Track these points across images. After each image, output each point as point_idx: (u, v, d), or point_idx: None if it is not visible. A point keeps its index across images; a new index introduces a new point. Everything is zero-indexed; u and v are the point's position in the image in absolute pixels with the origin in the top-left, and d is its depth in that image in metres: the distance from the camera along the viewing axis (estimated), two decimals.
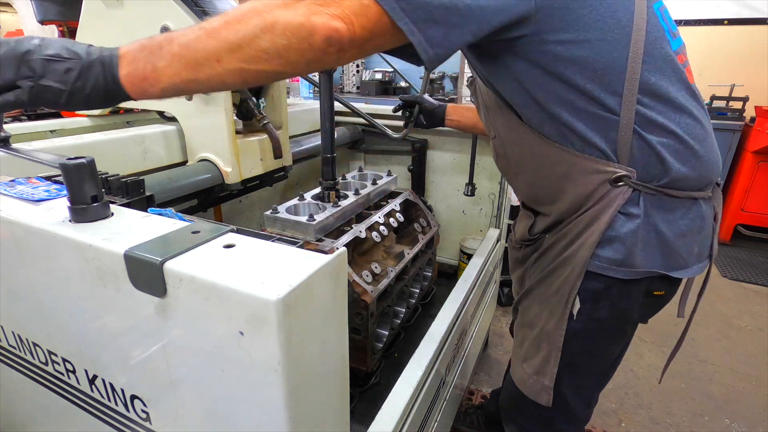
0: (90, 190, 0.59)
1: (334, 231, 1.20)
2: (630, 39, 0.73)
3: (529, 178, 0.95)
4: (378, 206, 1.41)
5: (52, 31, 3.13)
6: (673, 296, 0.95)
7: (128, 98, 0.60)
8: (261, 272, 0.46)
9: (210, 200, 1.30)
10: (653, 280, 0.85)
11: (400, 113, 1.49)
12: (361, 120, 1.68)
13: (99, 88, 0.57)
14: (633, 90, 0.75)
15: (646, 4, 0.76)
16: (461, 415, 1.71)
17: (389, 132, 1.56)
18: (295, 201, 1.23)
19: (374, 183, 1.43)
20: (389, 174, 1.53)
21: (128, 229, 0.58)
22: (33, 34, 0.67)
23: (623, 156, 0.78)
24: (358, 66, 5.05)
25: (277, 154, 1.33)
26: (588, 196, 0.82)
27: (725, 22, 3.88)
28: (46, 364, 0.74)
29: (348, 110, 1.69)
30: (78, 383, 0.70)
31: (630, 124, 0.76)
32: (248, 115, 1.31)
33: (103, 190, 0.62)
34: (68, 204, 0.59)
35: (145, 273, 0.50)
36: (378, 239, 1.26)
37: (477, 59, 0.84)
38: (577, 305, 0.87)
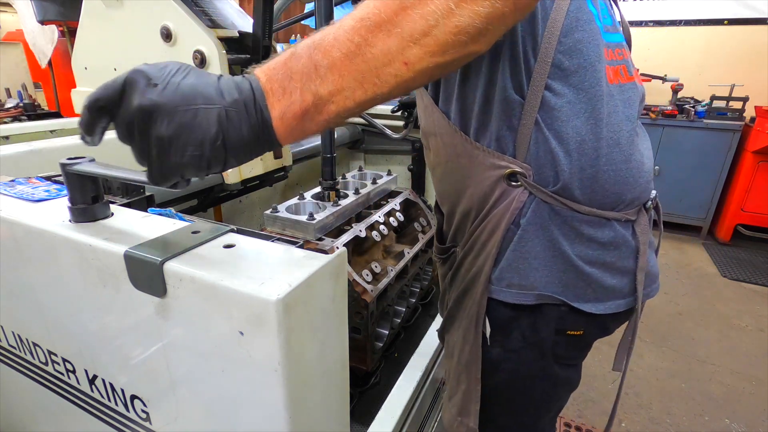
0: (90, 190, 0.59)
1: (334, 230, 1.20)
2: (553, 4, 0.61)
3: (440, 171, 0.80)
4: (378, 205, 1.41)
5: (52, 31, 3.13)
6: (602, 334, 0.77)
7: (278, 145, 0.46)
8: (261, 272, 0.46)
9: (210, 200, 1.30)
10: (563, 316, 0.71)
11: (399, 114, 1.50)
12: (361, 120, 1.68)
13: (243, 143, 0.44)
14: (544, 69, 0.62)
15: None
16: None
17: (389, 132, 1.56)
18: (295, 200, 1.23)
19: (374, 182, 1.43)
20: (389, 173, 1.53)
21: (128, 229, 0.58)
22: (33, 34, 0.67)
23: (521, 149, 0.65)
24: None
25: (277, 154, 1.33)
26: (486, 195, 0.70)
27: (725, 22, 3.88)
28: (46, 364, 0.74)
29: None
30: (78, 383, 0.70)
31: (533, 110, 0.63)
32: None
33: (102, 190, 0.62)
34: (68, 204, 0.59)
35: (145, 273, 0.50)
36: (378, 238, 1.26)
37: None
38: (488, 328, 0.74)
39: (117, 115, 0.46)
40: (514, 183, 0.67)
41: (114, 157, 1.11)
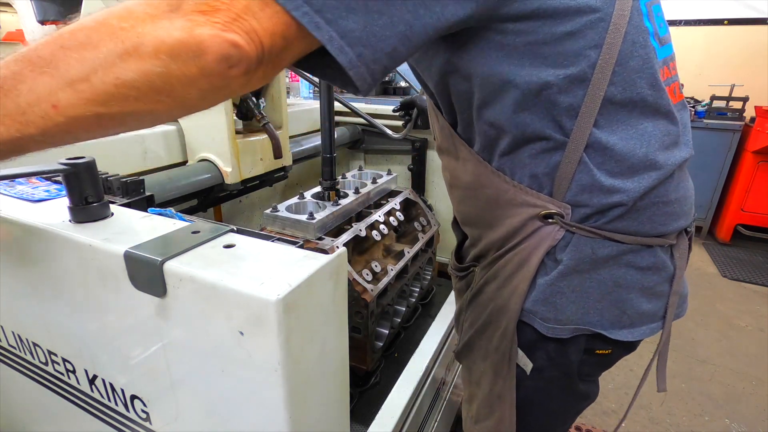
0: (90, 190, 0.59)
1: (334, 229, 1.20)
2: (603, 39, 0.56)
3: (460, 193, 0.80)
4: (378, 205, 1.41)
5: (52, 31, 3.14)
6: (627, 353, 0.79)
7: None
8: (261, 272, 0.46)
9: (210, 200, 1.30)
10: (594, 339, 0.70)
11: (399, 114, 1.51)
12: (361, 120, 1.68)
13: None
14: (593, 109, 0.58)
15: None
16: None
17: (389, 132, 1.56)
18: (295, 200, 1.23)
19: (374, 182, 1.43)
20: (389, 173, 1.53)
21: (128, 229, 0.58)
22: (33, 34, 0.66)
23: (560, 188, 0.63)
24: None
25: (277, 154, 1.33)
26: (516, 229, 0.68)
27: (725, 22, 3.88)
28: (46, 364, 0.74)
29: (348, 110, 1.69)
30: (78, 383, 0.70)
31: (579, 150, 0.60)
32: (248, 115, 1.31)
33: (102, 189, 0.62)
34: (68, 204, 0.59)
35: (145, 273, 0.50)
36: (378, 238, 1.26)
37: None
38: (528, 362, 0.74)
39: None
40: (549, 221, 0.65)
41: (114, 157, 1.12)
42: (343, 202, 1.22)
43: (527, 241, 0.67)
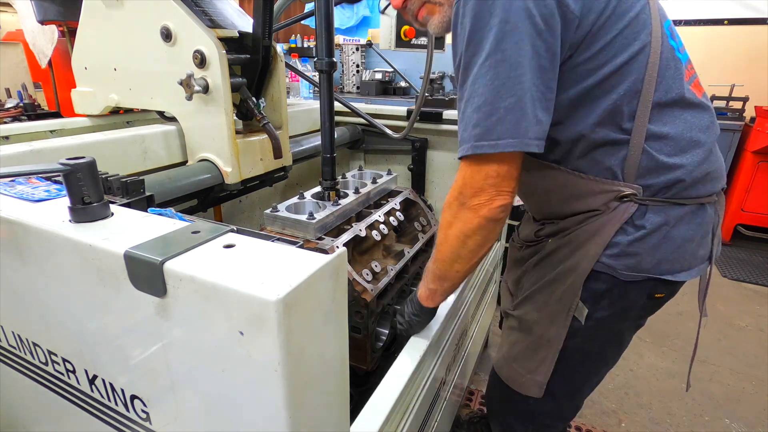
0: (90, 190, 0.59)
1: (334, 229, 1.20)
2: (647, 61, 0.76)
3: (538, 199, 0.98)
4: (378, 205, 1.41)
5: (52, 31, 3.13)
6: (671, 297, 0.95)
7: (433, 311, 0.98)
8: (261, 272, 0.46)
9: (210, 200, 1.30)
10: (656, 283, 0.87)
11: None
12: (361, 120, 1.68)
13: (413, 314, 0.98)
14: (646, 111, 0.77)
15: (660, 23, 0.78)
16: (465, 424, 1.70)
17: (389, 132, 1.56)
18: (295, 199, 1.23)
19: (374, 182, 1.43)
20: (389, 173, 1.53)
21: (128, 229, 0.58)
22: (33, 34, 0.69)
23: (630, 173, 0.81)
24: (358, 66, 5.05)
25: (277, 154, 1.33)
26: (595, 209, 0.85)
27: (725, 22, 3.88)
28: (46, 364, 0.74)
29: (348, 110, 1.69)
30: (78, 383, 0.70)
31: (640, 143, 0.79)
32: (248, 115, 1.31)
33: (102, 189, 0.62)
34: (68, 204, 0.59)
35: (145, 273, 0.50)
36: (378, 238, 1.26)
37: None
38: (584, 310, 0.90)
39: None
40: (625, 200, 0.82)
41: (114, 157, 1.12)
42: (343, 202, 1.22)
43: (604, 216, 0.84)
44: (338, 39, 4.97)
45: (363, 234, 1.21)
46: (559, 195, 0.90)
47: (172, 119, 1.29)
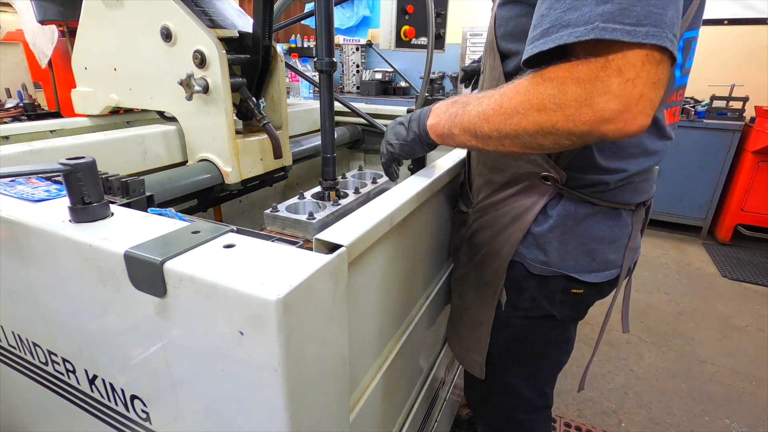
0: (90, 190, 0.59)
1: None
2: None
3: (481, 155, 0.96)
4: None
5: (52, 31, 3.13)
6: (599, 297, 0.95)
7: (435, 145, 0.85)
8: (261, 272, 0.46)
9: (210, 200, 1.30)
10: (568, 279, 0.87)
11: (463, 85, 1.65)
12: (361, 120, 1.68)
13: (415, 134, 0.84)
14: None
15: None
16: (465, 424, 1.70)
17: None
18: (295, 199, 1.22)
19: (374, 182, 1.43)
20: None
21: (128, 229, 0.58)
22: (33, 34, 0.69)
23: (563, 159, 0.79)
24: (358, 66, 5.05)
25: (277, 154, 1.33)
26: (517, 180, 0.85)
27: (725, 22, 3.88)
28: (46, 364, 0.74)
29: (348, 110, 1.69)
30: (78, 383, 0.70)
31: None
32: (248, 115, 1.31)
33: (102, 190, 0.62)
34: (68, 204, 0.59)
35: (145, 273, 0.50)
36: None
37: None
38: (505, 297, 0.92)
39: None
40: (546, 182, 0.81)
41: (114, 157, 1.12)
42: (343, 202, 1.22)
43: (523, 197, 0.84)
44: (338, 39, 4.97)
45: None
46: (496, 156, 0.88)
47: (172, 119, 1.29)
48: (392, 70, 4.30)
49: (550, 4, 0.57)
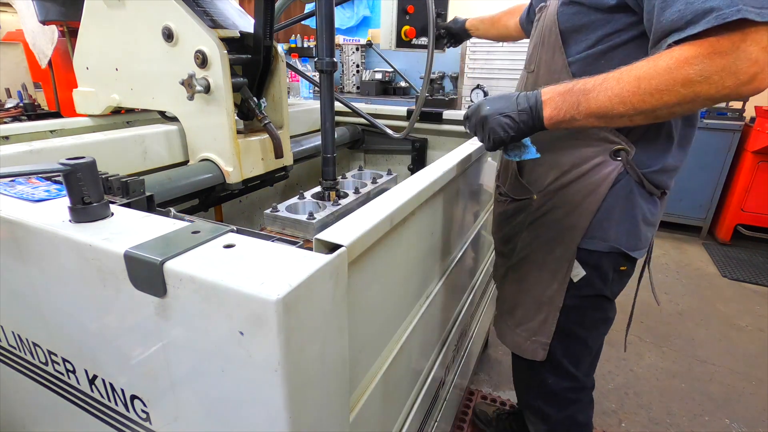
0: (90, 190, 0.59)
1: None
2: None
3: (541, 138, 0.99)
4: None
5: (52, 31, 3.13)
6: (632, 274, 1.04)
7: (544, 128, 0.84)
8: (261, 272, 0.46)
9: (211, 200, 1.30)
10: (619, 256, 0.96)
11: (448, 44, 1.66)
12: (361, 120, 1.68)
13: (528, 127, 0.82)
14: None
15: None
16: (493, 422, 1.70)
17: (389, 132, 1.56)
18: (295, 199, 1.23)
19: (374, 182, 1.43)
20: (389, 173, 1.53)
21: (128, 229, 0.58)
22: (33, 34, 0.69)
23: (635, 132, 0.87)
24: (358, 66, 5.05)
25: (278, 153, 1.33)
26: (585, 159, 0.91)
27: None
28: (46, 364, 0.74)
29: (348, 110, 1.69)
30: (78, 383, 0.70)
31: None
32: (249, 115, 1.31)
33: (102, 190, 0.62)
34: (68, 204, 0.59)
35: (145, 273, 0.50)
36: None
37: None
38: (581, 272, 0.97)
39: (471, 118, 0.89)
40: (617, 158, 0.88)
41: (114, 157, 1.12)
42: (343, 202, 1.22)
43: (595, 176, 0.90)
44: (338, 39, 4.97)
45: None
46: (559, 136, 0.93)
47: (173, 119, 1.29)
48: (392, 70, 4.30)
49: None
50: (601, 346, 1.16)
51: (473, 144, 1.17)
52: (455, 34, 1.62)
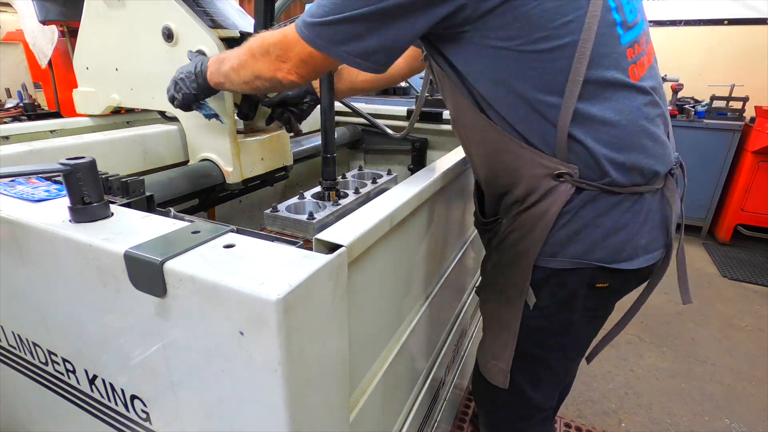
0: (90, 190, 0.59)
1: None
2: (579, 39, 0.71)
3: (478, 161, 0.95)
4: None
5: (52, 31, 3.13)
6: (626, 290, 0.95)
7: (215, 91, 1.03)
8: (261, 272, 0.46)
9: (211, 200, 1.30)
10: (594, 271, 0.85)
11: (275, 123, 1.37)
12: (361, 120, 1.68)
13: (198, 82, 0.99)
14: (574, 92, 0.74)
15: None
16: (477, 419, 1.70)
17: (389, 132, 1.56)
18: (295, 199, 1.23)
19: (374, 182, 1.43)
20: (389, 173, 1.53)
21: (128, 229, 0.58)
22: (33, 34, 0.71)
23: (562, 156, 0.79)
24: None
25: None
26: (533, 188, 0.83)
27: (725, 22, 3.88)
28: (46, 364, 0.74)
29: (348, 110, 1.70)
30: (78, 383, 0.70)
31: (565, 128, 0.76)
32: (249, 115, 1.31)
33: (102, 190, 0.62)
34: (68, 204, 0.59)
35: (145, 273, 0.50)
36: None
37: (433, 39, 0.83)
38: (533, 298, 0.90)
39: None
40: (561, 180, 0.80)
41: (114, 157, 1.12)
42: (343, 202, 1.22)
43: (544, 201, 0.82)
44: None
45: None
46: (499, 159, 0.87)
47: (173, 119, 1.29)
48: None
49: None
50: (575, 368, 1.09)
51: None
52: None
